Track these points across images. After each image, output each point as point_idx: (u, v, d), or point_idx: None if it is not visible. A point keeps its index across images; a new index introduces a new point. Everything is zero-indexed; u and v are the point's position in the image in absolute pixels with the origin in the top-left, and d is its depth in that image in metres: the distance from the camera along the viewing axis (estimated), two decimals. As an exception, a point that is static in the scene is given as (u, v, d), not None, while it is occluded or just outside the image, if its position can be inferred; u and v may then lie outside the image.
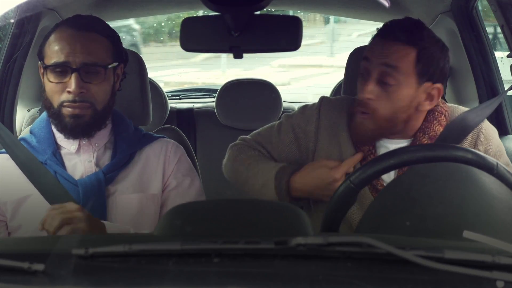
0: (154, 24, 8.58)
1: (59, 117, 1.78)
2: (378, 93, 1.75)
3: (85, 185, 1.77)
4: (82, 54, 1.75)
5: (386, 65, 1.74)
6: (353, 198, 1.51)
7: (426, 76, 1.76)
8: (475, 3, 2.60)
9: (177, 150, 1.94)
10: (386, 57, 1.75)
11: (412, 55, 1.74)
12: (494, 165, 1.41)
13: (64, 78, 1.75)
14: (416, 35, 1.76)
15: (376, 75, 1.75)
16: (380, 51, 1.76)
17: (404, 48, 1.74)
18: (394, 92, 1.74)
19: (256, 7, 1.55)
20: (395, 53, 1.74)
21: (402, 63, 1.74)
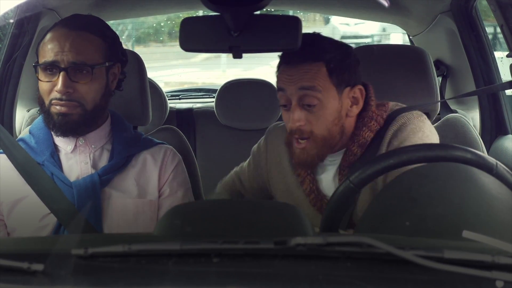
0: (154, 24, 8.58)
1: (49, 115, 1.78)
2: (306, 117, 1.73)
3: (79, 187, 1.77)
4: (71, 53, 1.75)
5: (302, 88, 1.72)
6: (352, 198, 1.51)
7: (344, 83, 1.75)
8: (475, 3, 2.60)
9: (174, 157, 1.94)
10: (300, 81, 1.72)
11: (323, 70, 1.72)
12: (494, 165, 1.41)
13: (53, 77, 1.76)
14: (318, 50, 1.73)
15: (297, 101, 1.74)
16: (292, 77, 1.74)
17: (313, 66, 1.72)
18: (320, 110, 1.73)
19: (256, 7, 1.54)
20: (307, 74, 1.72)
21: (317, 80, 1.72)
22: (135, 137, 1.93)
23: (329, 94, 1.73)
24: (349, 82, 1.76)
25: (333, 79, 1.73)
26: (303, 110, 1.74)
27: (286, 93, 1.76)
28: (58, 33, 1.78)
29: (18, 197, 1.79)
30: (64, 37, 1.76)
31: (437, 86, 2.24)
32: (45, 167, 1.78)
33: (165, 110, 3.13)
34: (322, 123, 1.74)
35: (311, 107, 1.73)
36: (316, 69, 1.72)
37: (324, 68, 1.73)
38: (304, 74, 1.73)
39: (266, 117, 3.27)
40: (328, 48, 1.75)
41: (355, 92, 1.78)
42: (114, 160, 1.84)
